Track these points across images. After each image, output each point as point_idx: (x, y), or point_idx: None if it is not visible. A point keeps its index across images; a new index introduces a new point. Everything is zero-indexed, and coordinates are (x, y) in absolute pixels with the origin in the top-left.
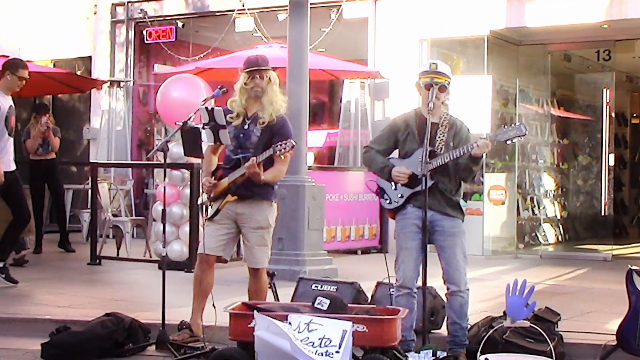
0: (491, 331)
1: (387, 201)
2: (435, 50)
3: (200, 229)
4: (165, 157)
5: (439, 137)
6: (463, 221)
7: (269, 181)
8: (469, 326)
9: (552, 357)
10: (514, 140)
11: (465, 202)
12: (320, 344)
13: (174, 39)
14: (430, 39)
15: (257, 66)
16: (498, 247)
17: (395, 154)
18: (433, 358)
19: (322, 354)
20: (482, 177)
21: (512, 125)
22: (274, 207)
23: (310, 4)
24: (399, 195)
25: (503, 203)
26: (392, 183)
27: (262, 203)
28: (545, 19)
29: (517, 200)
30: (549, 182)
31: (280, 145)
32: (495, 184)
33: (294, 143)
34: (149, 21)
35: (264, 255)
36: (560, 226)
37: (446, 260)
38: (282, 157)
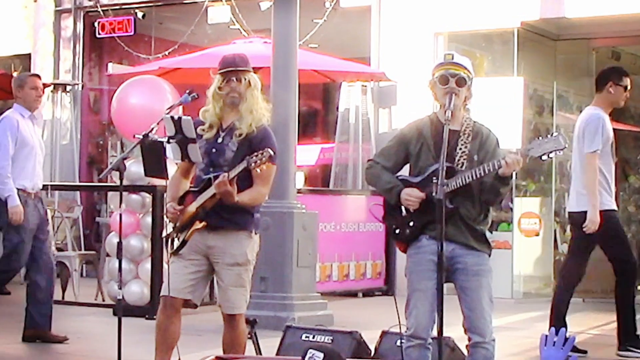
0: None
1: (397, 231)
2: (453, 47)
3: (165, 266)
4: (121, 178)
5: (460, 149)
6: (490, 256)
7: (245, 205)
8: None
9: None
10: (550, 156)
11: (491, 232)
12: None
13: (132, 33)
14: (447, 33)
15: (233, 66)
16: (531, 289)
17: (406, 170)
18: None
19: None
20: (512, 202)
21: (549, 136)
22: (254, 240)
23: None
24: (411, 224)
25: (537, 234)
26: (403, 208)
27: (238, 234)
28: (589, 9)
29: (555, 230)
30: None
31: (255, 156)
32: (528, 211)
33: (272, 153)
34: (102, 11)
35: (241, 298)
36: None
37: (469, 304)
38: (259, 170)
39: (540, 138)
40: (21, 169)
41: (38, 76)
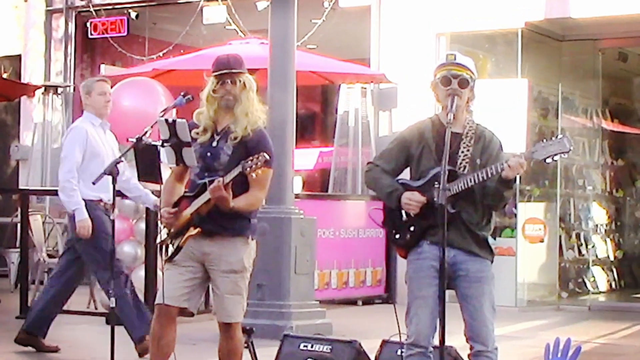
0: None
1: (397, 236)
2: (455, 48)
3: (159, 273)
4: (114, 183)
5: (463, 152)
6: (492, 263)
7: (241, 210)
8: None
9: None
10: (555, 159)
11: (494, 239)
12: None
13: (125, 33)
14: (449, 33)
15: (228, 68)
16: (535, 297)
17: (406, 174)
18: None
19: None
20: (516, 207)
21: (553, 139)
22: (250, 246)
23: None
24: (412, 229)
25: (542, 240)
26: (403, 212)
27: (235, 240)
28: (595, 8)
29: (560, 237)
30: (599, 214)
31: (251, 160)
32: (532, 217)
33: (267, 157)
34: (94, 11)
35: (237, 306)
36: (614, 270)
37: (470, 312)
38: (255, 175)
39: (544, 141)
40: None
41: (106, 80)
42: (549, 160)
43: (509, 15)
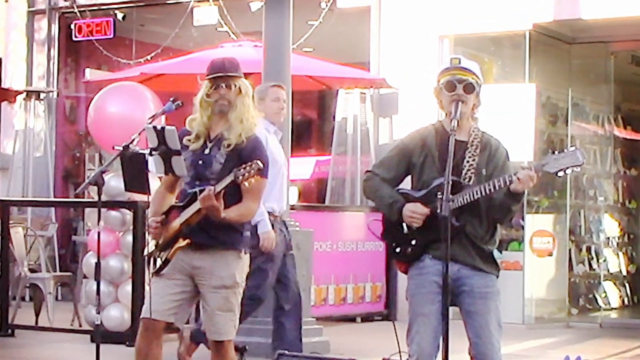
0: None
1: (398, 250)
2: (460, 51)
3: (147, 287)
4: (99, 193)
5: (468, 162)
6: (498, 278)
7: (233, 221)
8: None
9: None
10: (567, 172)
11: (500, 252)
12: None
13: (111, 36)
14: (453, 36)
15: (222, 72)
16: (544, 313)
17: (407, 184)
18: None
19: None
20: (523, 219)
21: (565, 150)
22: (243, 260)
23: None
24: (413, 242)
25: (550, 254)
26: (405, 225)
27: (226, 254)
28: (607, 10)
29: (569, 250)
30: (611, 227)
31: (243, 168)
32: (540, 229)
33: (261, 165)
34: (79, 12)
35: (229, 323)
36: (627, 285)
37: (475, 330)
38: (247, 184)
39: (556, 152)
40: (270, 190)
41: (281, 86)
42: (560, 173)
43: (516, 17)
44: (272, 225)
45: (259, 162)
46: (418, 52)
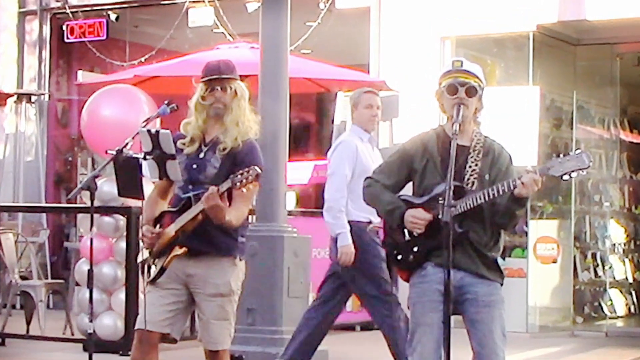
0: None
1: (399, 257)
2: (462, 52)
3: (141, 296)
4: (92, 199)
5: (470, 167)
6: (502, 285)
7: (231, 225)
8: None
9: None
10: (572, 176)
11: (504, 259)
12: None
13: (104, 37)
14: (454, 37)
15: (217, 74)
16: (548, 322)
17: (408, 190)
18: None
19: None
20: (526, 225)
21: (570, 154)
22: (239, 267)
23: None
24: (415, 249)
25: (555, 261)
26: (406, 231)
27: (221, 261)
28: (612, 10)
29: (574, 257)
30: (617, 233)
31: (241, 174)
32: (544, 235)
33: (259, 171)
34: (71, 12)
35: (225, 332)
36: (633, 293)
37: (479, 339)
38: (245, 190)
39: (560, 155)
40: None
41: (374, 92)
42: (565, 177)
43: (520, 18)
44: (369, 235)
45: (256, 168)
46: (419, 54)
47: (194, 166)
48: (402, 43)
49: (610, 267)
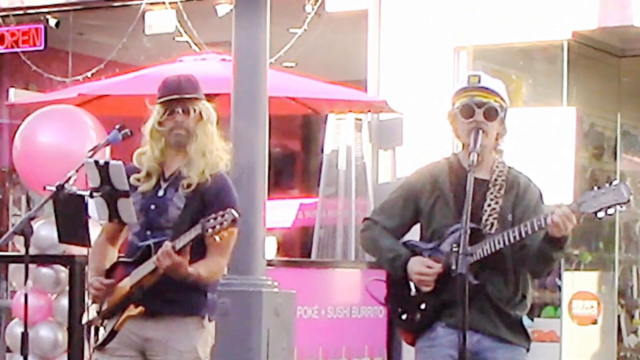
0: None
1: (403, 316)
2: (480, 65)
3: None
4: (27, 246)
5: (490, 205)
6: (528, 351)
7: (200, 280)
8: None
9: None
10: (609, 212)
11: (532, 319)
12: None
13: (42, 47)
14: (472, 47)
15: (178, 93)
16: None
17: (415, 233)
18: None
19: None
20: (559, 277)
21: (606, 186)
22: (207, 329)
23: None
24: (423, 307)
25: (595, 322)
26: (412, 285)
27: (186, 322)
28: None
29: (619, 317)
30: None
31: (214, 219)
32: (582, 291)
33: (236, 215)
34: (1, 17)
35: None
36: None
37: None
38: (219, 239)
39: (595, 188)
40: None
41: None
42: (601, 214)
43: (552, 24)
44: None
45: (232, 211)
46: (428, 68)
47: (153, 207)
48: (407, 54)
49: None
